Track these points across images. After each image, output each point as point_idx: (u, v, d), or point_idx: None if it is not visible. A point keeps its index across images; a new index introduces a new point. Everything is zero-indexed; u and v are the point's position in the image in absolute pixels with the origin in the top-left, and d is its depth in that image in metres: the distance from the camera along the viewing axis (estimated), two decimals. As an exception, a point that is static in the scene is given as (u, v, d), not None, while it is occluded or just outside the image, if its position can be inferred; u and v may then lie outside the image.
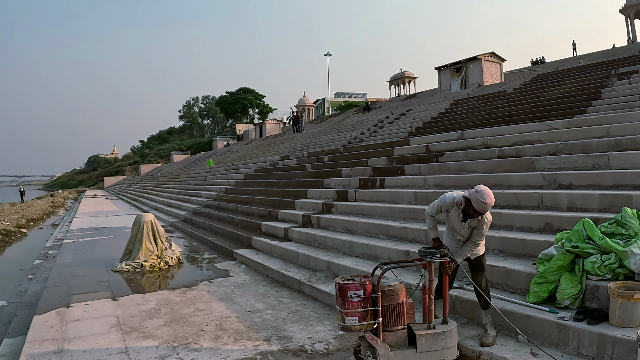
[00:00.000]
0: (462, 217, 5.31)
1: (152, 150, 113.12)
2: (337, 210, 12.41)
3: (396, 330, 4.99)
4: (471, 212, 5.14)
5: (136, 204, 36.66)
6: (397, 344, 4.97)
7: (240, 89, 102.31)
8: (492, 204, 5.04)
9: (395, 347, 4.94)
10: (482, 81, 31.82)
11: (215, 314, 7.67)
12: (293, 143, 33.13)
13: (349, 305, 4.89)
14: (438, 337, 4.93)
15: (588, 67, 23.18)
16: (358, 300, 4.88)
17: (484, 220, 5.29)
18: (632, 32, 52.69)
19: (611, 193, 7.25)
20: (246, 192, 20.38)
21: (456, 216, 5.34)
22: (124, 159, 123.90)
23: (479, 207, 5.00)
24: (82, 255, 13.57)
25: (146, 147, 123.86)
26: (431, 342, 4.91)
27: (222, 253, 13.37)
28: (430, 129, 18.07)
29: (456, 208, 5.29)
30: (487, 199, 4.97)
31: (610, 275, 5.34)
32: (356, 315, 4.89)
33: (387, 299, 4.97)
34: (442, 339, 4.93)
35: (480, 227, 5.31)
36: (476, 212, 5.08)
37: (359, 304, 4.88)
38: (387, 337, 4.95)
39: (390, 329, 4.98)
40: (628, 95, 13.14)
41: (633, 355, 4.35)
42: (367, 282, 4.97)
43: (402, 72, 68.84)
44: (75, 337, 6.66)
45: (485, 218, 5.29)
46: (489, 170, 10.30)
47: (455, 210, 5.31)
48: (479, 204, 4.98)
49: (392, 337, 4.97)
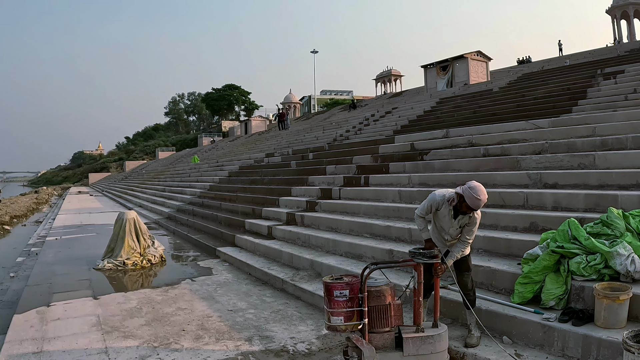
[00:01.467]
0: (452, 214, 5.24)
1: (138, 146, 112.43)
2: (321, 209, 12.32)
3: (383, 332, 4.88)
4: (464, 208, 5.08)
5: (121, 200, 36.37)
6: (384, 346, 4.87)
7: (226, 86, 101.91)
8: (486, 200, 5.01)
9: (382, 349, 4.85)
10: (469, 80, 31.88)
11: (197, 313, 7.59)
12: (278, 140, 33.04)
13: (334, 305, 4.85)
14: (426, 340, 4.80)
15: (574, 66, 23.24)
16: (344, 300, 4.82)
17: (474, 217, 5.23)
18: (619, 33, 53.10)
19: (597, 193, 7.22)
20: (230, 189, 20.26)
21: (446, 214, 5.27)
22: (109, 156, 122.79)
23: (473, 203, 4.95)
24: (65, 253, 13.43)
25: (131, 144, 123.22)
26: (418, 346, 4.79)
27: (206, 251, 13.26)
28: (416, 127, 18.04)
29: (447, 205, 5.22)
30: (481, 195, 4.93)
31: (595, 276, 5.29)
32: (342, 315, 4.83)
33: (374, 300, 4.86)
34: (430, 343, 4.80)
35: (471, 224, 5.25)
36: (469, 208, 5.03)
37: (344, 304, 4.82)
38: (373, 338, 4.85)
39: (377, 331, 4.88)
40: (614, 95, 13.14)
41: (618, 357, 4.29)
42: (354, 282, 4.90)
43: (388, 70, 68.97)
44: (55, 337, 6.55)
45: (476, 215, 5.23)
46: (473, 169, 10.25)
47: (446, 208, 5.24)
48: (473, 200, 4.93)
49: (379, 339, 4.87)
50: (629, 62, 18.39)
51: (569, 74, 19.62)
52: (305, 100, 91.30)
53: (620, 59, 21.11)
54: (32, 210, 36.78)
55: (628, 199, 6.65)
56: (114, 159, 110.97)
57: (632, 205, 6.43)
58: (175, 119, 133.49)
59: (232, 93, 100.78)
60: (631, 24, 52.89)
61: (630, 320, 4.80)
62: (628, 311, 4.79)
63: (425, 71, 35.96)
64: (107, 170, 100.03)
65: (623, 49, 29.24)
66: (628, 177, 7.39)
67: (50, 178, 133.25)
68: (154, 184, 38.47)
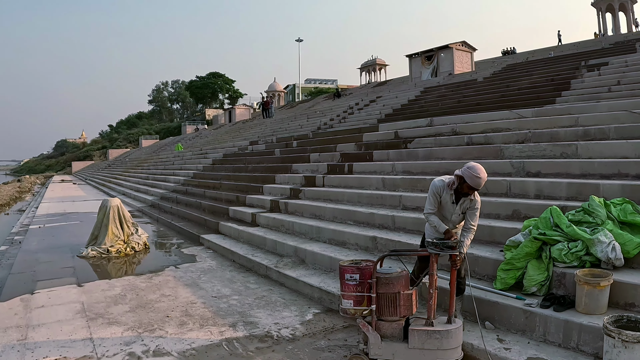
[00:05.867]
0: (454, 198, 5.22)
1: (121, 134, 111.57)
2: (305, 196, 12.32)
3: (391, 321, 4.83)
4: (465, 189, 5.04)
5: (104, 189, 36.12)
6: (392, 335, 4.82)
7: (210, 74, 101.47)
8: (486, 178, 4.98)
9: (389, 338, 4.81)
10: (453, 70, 31.98)
11: (181, 299, 7.57)
12: (262, 128, 32.93)
13: (345, 288, 4.92)
14: (432, 335, 4.66)
15: (558, 58, 23.38)
16: (354, 284, 4.86)
17: (476, 200, 5.21)
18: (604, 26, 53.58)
19: (579, 182, 7.28)
20: (214, 177, 20.20)
21: (448, 199, 5.24)
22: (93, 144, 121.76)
23: (474, 182, 4.92)
24: (48, 241, 13.32)
25: (115, 132, 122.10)
26: (424, 340, 4.67)
27: (190, 238, 13.21)
28: (400, 115, 18.05)
29: (447, 190, 5.19)
30: (481, 173, 4.91)
31: (577, 262, 5.33)
32: (351, 299, 4.87)
33: (383, 287, 4.81)
34: (436, 338, 4.65)
35: (473, 207, 5.22)
36: (471, 188, 5.00)
37: (354, 288, 4.85)
38: (381, 326, 4.83)
39: (386, 319, 4.83)
40: (597, 86, 13.23)
41: (599, 342, 4.33)
42: (366, 267, 4.91)
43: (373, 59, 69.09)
44: (40, 324, 6.51)
45: (477, 198, 5.22)
46: (457, 157, 10.28)
47: (447, 193, 5.21)
48: (473, 179, 4.91)
49: (387, 327, 4.83)
50: (613, 55, 18.56)
51: (553, 66, 19.72)
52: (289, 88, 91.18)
53: (604, 52, 21.30)
54: (15, 199, 36.45)
55: (610, 188, 6.71)
56: (97, 147, 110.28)
57: (613, 194, 6.49)
58: (159, 107, 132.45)
59: (216, 81, 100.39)
60: (616, 17, 53.42)
61: (610, 306, 4.85)
62: (609, 297, 4.83)
63: (410, 61, 36.02)
64: (91, 158, 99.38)
65: (608, 42, 29.46)
66: (610, 166, 7.45)
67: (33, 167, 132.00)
68: (137, 172, 38.19)
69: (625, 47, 21.19)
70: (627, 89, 12.03)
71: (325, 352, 5.49)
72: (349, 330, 6.10)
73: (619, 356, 3.94)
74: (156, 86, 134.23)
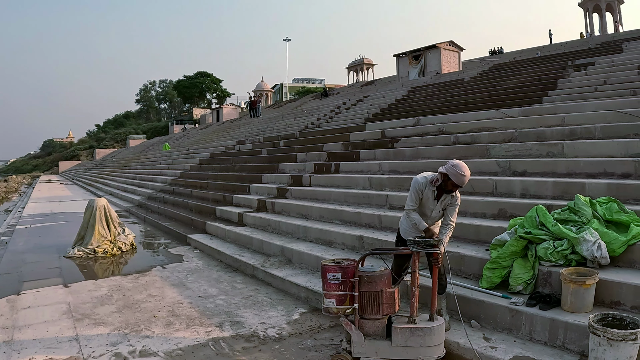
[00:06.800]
0: (436, 194, 5.23)
1: (108, 134, 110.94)
2: (292, 195, 12.29)
3: (374, 320, 4.86)
4: (449, 187, 5.07)
5: (91, 189, 35.95)
6: (374, 333, 4.85)
7: (197, 73, 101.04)
8: (469, 175, 5.02)
9: (372, 336, 4.84)
10: (441, 69, 32.08)
11: (168, 299, 7.54)
12: (250, 128, 32.85)
13: (327, 287, 4.96)
14: (415, 332, 4.71)
15: (545, 58, 23.46)
16: (336, 283, 4.89)
17: (457, 197, 5.25)
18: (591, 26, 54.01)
19: (565, 181, 7.30)
20: (201, 176, 20.12)
21: (430, 195, 5.24)
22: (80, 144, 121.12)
23: (458, 180, 4.95)
24: (35, 242, 13.25)
25: (102, 131, 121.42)
26: (407, 337, 4.72)
27: (176, 238, 13.15)
28: (387, 115, 18.04)
29: (430, 186, 5.20)
30: (465, 171, 4.95)
31: (562, 261, 5.34)
32: (334, 298, 4.91)
33: (365, 286, 4.85)
34: (419, 336, 4.70)
35: (454, 204, 5.26)
36: (455, 185, 5.03)
37: (337, 287, 4.89)
38: (364, 325, 4.86)
39: (368, 317, 4.87)
40: (584, 86, 13.28)
41: (585, 340, 4.33)
42: (348, 265, 4.93)
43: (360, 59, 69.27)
44: (26, 325, 6.47)
45: (458, 194, 5.27)
46: (444, 157, 10.27)
47: (429, 189, 5.21)
48: (458, 177, 4.93)
49: (370, 325, 4.86)
50: (600, 55, 18.65)
51: (541, 65, 19.79)
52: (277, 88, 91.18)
53: (591, 51, 21.39)
54: (2, 199, 36.25)
55: (595, 187, 6.74)
56: (84, 147, 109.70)
57: (599, 193, 6.51)
58: (147, 107, 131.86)
59: (203, 80, 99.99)
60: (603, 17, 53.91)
61: (596, 305, 4.85)
62: (594, 296, 4.83)
63: (397, 60, 36.10)
64: (78, 158, 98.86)
65: (594, 42, 29.62)
66: (596, 165, 7.47)
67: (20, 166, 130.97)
68: (124, 171, 38.02)
69: (612, 47, 21.30)
70: (613, 88, 12.09)
71: (311, 351, 5.48)
72: (335, 329, 6.08)
73: (604, 354, 3.95)
74: (143, 85, 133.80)
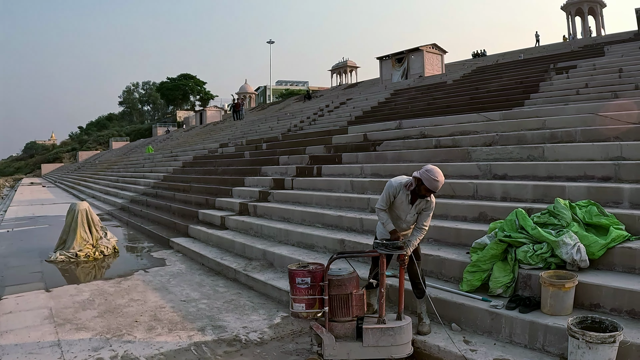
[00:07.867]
0: (410, 199, 5.26)
1: (91, 136, 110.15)
2: (274, 199, 12.25)
3: (344, 322, 4.91)
4: (423, 191, 5.10)
5: (73, 192, 35.70)
6: (345, 335, 4.90)
7: (181, 75, 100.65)
8: (443, 181, 5.05)
9: (342, 338, 4.88)
10: (424, 72, 32.21)
11: (150, 304, 7.50)
12: (233, 130, 32.79)
13: (296, 292, 4.97)
14: (386, 332, 4.83)
15: (528, 61, 23.68)
16: (305, 288, 4.92)
17: (431, 202, 5.28)
18: (573, 29, 54.51)
19: (545, 184, 7.33)
20: (184, 180, 20.02)
21: (404, 199, 5.27)
22: (62, 146, 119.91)
23: (431, 185, 4.98)
24: (16, 246, 13.13)
25: (85, 134, 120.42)
26: (378, 337, 4.81)
27: (159, 242, 13.07)
28: (370, 118, 18.10)
29: (404, 190, 5.23)
30: (439, 176, 4.98)
31: (542, 264, 5.36)
32: (303, 302, 4.93)
33: (335, 289, 4.89)
34: (390, 335, 4.82)
35: (428, 208, 5.30)
36: (428, 190, 5.06)
37: (306, 291, 4.91)
38: (335, 327, 4.89)
39: (338, 320, 4.91)
40: (565, 89, 13.40)
41: (564, 342, 4.36)
42: (316, 270, 4.96)
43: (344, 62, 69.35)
44: (7, 331, 6.40)
45: (433, 199, 5.29)
46: (425, 160, 10.30)
47: (403, 193, 5.24)
48: (431, 182, 4.96)
49: (340, 328, 4.90)
50: (582, 58, 18.82)
51: (523, 68, 19.95)
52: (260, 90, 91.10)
53: (573, 54, 21.60)
54: (-17, 202, 35.88)
55: (575, 190, 6.77)
56: (67, 149, 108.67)
57: (579, 196, 6.55)
58: (130, 109, 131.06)
59: (187, 83, 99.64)
60: (585, 20, 54.38)
61: (576, 307, 4.88)
62: (574, 298, 4.86)
63: (380, 63, 36.20)
64: (60, 160, 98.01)
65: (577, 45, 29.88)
66: (576, 168, 7.52)
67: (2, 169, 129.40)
68: (107, 174, 37.77)
69: (594, 51, 21.52)
70: (594, 91, 12.21)
71: (293, 355, 5.48)
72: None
73: (583, 357, 3.98)
74: (127, 87, 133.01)
